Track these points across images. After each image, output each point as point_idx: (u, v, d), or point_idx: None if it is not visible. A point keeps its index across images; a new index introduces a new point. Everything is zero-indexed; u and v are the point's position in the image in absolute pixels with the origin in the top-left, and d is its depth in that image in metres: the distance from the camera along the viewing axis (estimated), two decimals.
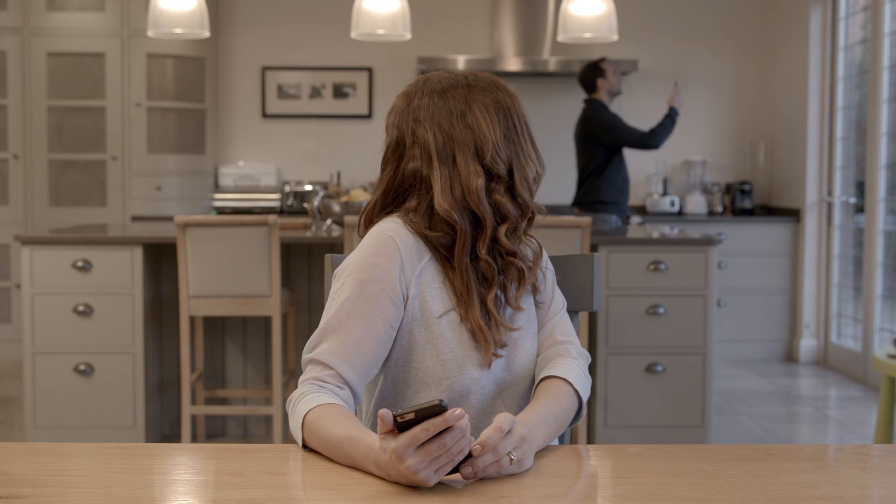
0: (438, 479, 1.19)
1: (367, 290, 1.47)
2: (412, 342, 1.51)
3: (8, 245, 5.88)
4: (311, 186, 6.10)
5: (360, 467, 1.26)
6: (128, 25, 5.80)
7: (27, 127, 5.85)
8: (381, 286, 1.47)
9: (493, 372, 1.53)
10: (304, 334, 4.17)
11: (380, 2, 4.26)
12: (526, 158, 1.54)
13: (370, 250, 1.50)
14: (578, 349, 1.60)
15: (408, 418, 1.16)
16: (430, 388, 1.51)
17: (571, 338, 1.61)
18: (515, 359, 1.55)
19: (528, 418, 1.37)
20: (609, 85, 5.01)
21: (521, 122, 1.55)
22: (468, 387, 1.51)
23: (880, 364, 3.37)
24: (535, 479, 1.24)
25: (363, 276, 1.48)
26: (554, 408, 1.45)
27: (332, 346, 1.46)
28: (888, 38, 5.28)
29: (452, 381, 1.51)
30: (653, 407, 3.89)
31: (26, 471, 1.28)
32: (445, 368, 1.50)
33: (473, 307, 1.50)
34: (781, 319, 6.12)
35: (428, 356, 1.50)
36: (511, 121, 1.53)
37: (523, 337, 1.57)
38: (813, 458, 1.43)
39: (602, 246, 3.88)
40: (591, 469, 1.32)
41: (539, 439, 1.35)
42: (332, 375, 1.45)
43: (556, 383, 1.50)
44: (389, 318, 1.48)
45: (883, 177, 5.30)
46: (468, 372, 1.50)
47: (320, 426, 1.34)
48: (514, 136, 1.53)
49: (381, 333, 1.47)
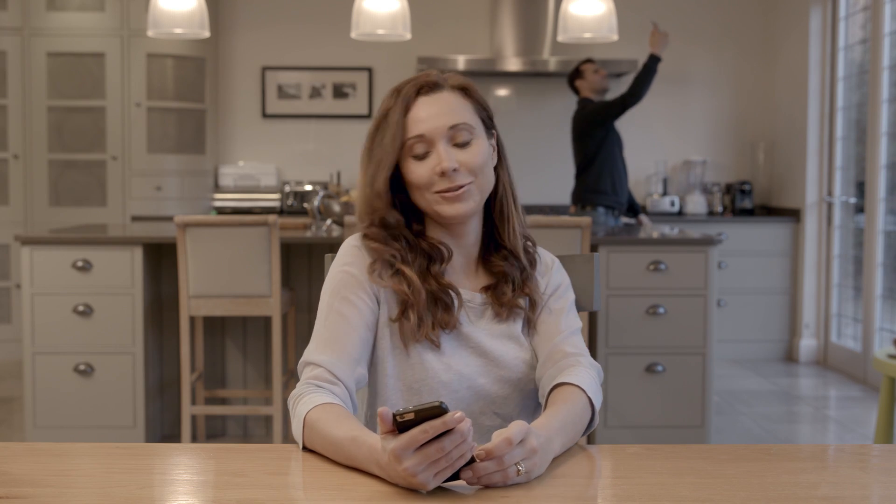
0: (437, 484, 1.17)
1: (340, 295, 1.53)
2: (381, 347, 1.55)
3: (8, 245, 5.88)
4: (311, 186, 6.10)
5: (363, 468, 1.26)
6: (128, 25, 5.80)
7: (27, 127, 5.85)
8: (354, 289, 1.54)
9: (468, 377, 1.53)
10: (304, 334, 4.17)
11: (380, 2, 4.26)
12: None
13: (338, 260, 1.58)
14: (591, 361, 1.57)
15: (407, 418, 1.15)
16: (402, 393, 1.55)
17: (583, 352, 1.59)
18: (498, 367, 1.56)
19: (547, 425, 1.33)
20: (590, 84, 5.04)
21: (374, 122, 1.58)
22: (436, 390, 1.52)
23: (880, 364, 3.37)
24: (535, 479, 1.24)
25: (335, 283, 1.55)
26: (570, 414, 1.42)
27: (317, 345, 1.51)
28: (888, 38, 5.28)
29: (418, 379, 1.54)
30: (653, 407, 3.89)
31: (26, 471, 1.28)
32: (412, 369, 1.54)
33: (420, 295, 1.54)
34: (781, 319, 6.12)
35: (392, 362, 1.55)
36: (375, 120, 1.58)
37: (505, 348, 1.57)
38: (813, 458, 1.43)
39: (602, 246, 3.88)
40: (591, 469, 1.32)
41: (556, 447, 1.32)
42: (324, 372, 1.47)
43: (570, 389, 1.47)
44: (366, 319, 1.53)
45: (883, 177, 5.30)
46: (426, 361, 1.52)
47: (321, 427, 1.35)
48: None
49: (361, 332, 1.52)
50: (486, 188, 1.57)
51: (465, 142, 1.53)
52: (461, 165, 1.51)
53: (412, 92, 1.53)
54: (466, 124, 1.53)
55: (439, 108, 1.53)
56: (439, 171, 1.50)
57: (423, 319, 1.52)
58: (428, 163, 1.52)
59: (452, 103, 1.54)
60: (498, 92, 6.47)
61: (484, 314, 1.59)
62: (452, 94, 1.55)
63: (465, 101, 1.56)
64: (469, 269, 1.62)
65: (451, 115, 1.52)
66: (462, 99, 1.56)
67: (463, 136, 1.52)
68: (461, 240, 1.60)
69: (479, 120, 1.56)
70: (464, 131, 1.52)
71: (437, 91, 1.55)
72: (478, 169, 1.53)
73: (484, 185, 1.56)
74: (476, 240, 1.62)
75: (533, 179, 6.20)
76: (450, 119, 1.52)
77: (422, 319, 1.52)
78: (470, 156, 1.52)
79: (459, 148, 1.53)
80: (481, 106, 1.58)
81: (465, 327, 1.56)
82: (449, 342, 1.55)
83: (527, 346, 1.59)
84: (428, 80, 1.55)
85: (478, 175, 1.53)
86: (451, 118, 1.52)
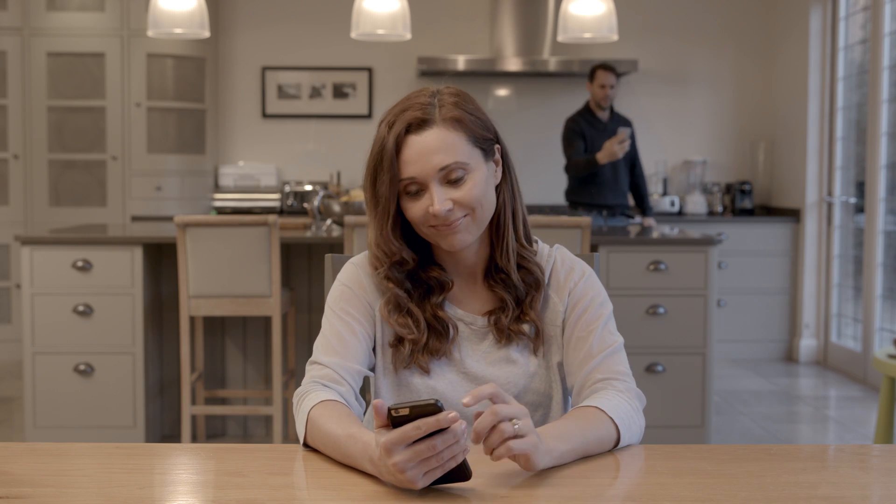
0: (427, 483, 1.17)
1: (344, 307, 1.57)
2: (376, 366, 1.58)
3: (8, 245, 5.88)
4: (311, 186, 6.10)
5: (357, 465, 1.27)
6: (128, 25, 5.80)
7: (27, 127, 5.85)
8: (353, 301, 1.57)
9: (453, 401, 1.52)
10: (304, 334, 4.17)
11: (380, 2, 4.26)
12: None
13: (339, 278, 1.61)
14: (626, 386, 1.50)
15: (402, 413, 1.15)
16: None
17: (617, 375, 1.52)
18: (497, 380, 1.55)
19: (541, 430, 1.32)
20: (593, 94, 5.04)
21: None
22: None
23: (880, 364, 3.37)
24: (534, 479, 1.24)
25: (337, 294, 1.59)
26: (571, 419, 1.40)
27: (323, 348, 1.54)
28: (888, 38, 5.28)
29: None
30: (653, 407, 3.88)
31: (26, 471, 1.28)
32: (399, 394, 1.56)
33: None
34: (781, 319, 6.12)
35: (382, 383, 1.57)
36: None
37: (500, 372, 1.55)
38: (813, 458, 1.43)
39: (602, 246, 3.88)
40: (590, 469, 1.32)
41: (555, 448, 1.29)
42: (330, 373, 1.50)
43: (583, 408, 1.44)
44: (367, 330, 1.56)
45: (883, 177, 5.30)
46: (412, 384, 1.54)
47: (322, 423, 1.36)
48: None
49: (364, 341, 1.55)
50: (486, 216, 1.53)
51: (459, 178, 1.48)
52: (455, 203, 1.48)
53: (402, 130, 1.48)
54: (458, 163, 1.47)
55: (429, 148, 1.47)
56: (432, 214, 1.48)
57: (415, 353, 1.54)
58: (422, 202, 1.49)
59: (443, 141, 1.47)
60: (498, 92, 6.47)
61: (485, 338, 1.57)
62: (443, 129, 1.48)
63: (457, 134, 1.48)
64: (473, 290, 1.60)
65: (441, 154, 1.47)
66: (454, 133, 1.48)
67: (456, 174, 1.48)
68: (462, 262, 1.59)
69: (474, 150, 1.50)
70: (456, 170, 1.48)
71: (426, 128, 1.48)
72: (474, 203, 1.49)
73: (482, 215, 1.52)
74: (477, 260, 1.59)
75: (533, 180, 6.20)
76: (441, 160, 1.47)
77: (414, 353, 1.54)
78: (464, 193, 1.48)
79: (453, 185, 1.48)
80: (477, 133, 1.51)
81: (457, 353, 1.56)
82: (439, 366, 1.55)
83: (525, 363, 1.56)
84: (416, 117, 1.48)
85: (475, 208, 1.49)
86: (442, 159, 1.47)
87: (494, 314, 1.57)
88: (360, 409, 1.50)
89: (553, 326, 1.58)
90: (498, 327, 1.56)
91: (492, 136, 1.55)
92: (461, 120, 1.50)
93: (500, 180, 1.57)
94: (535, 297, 1.57)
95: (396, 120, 1.50)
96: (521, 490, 1.21)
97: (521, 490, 1.21)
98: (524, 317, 1.56)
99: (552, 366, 1.58)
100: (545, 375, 1.57)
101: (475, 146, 1.51)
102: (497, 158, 1.56)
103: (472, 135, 1.51)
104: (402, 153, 1.48)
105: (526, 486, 1.22)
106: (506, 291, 1.57)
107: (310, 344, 4.04)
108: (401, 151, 1.48)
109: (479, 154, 1.51)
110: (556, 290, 1.59)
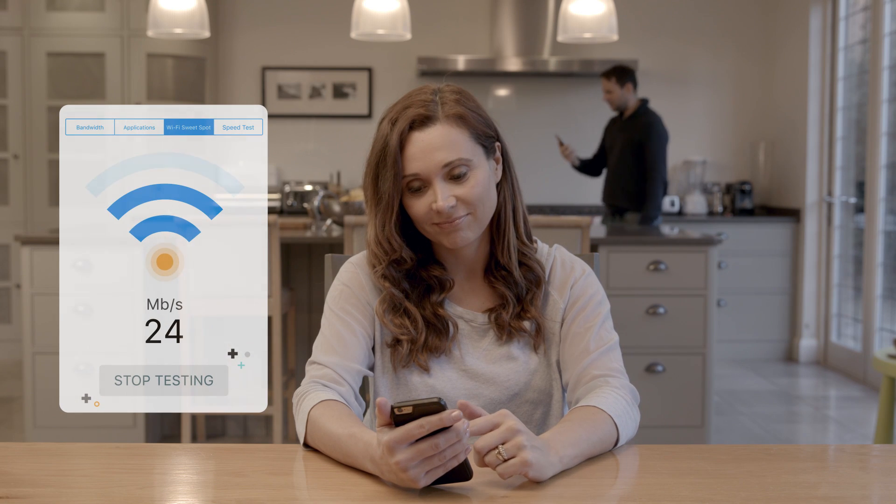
0: (428, 482, 1.17)
1: (343, 307, 1.57)
2: (375, 366, 1.57)
3: (8, 245, 5.88)
4: (311, 186, 6.10)
5: (358, 464, 1.27)
6: (128, 25, 5.80)
7: (27, 127, 5.85)
8: (353, 301, 1.57)
9: (452, 399, 1.52)
10: (304, 334, 4.17)
11: (380, 2, 4.26)
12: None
13: (338, 277, 1.61)
14: (622, 382, 1.52)
15: (405, 412, 1.15)
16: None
17: (613, 372, 1.53)
18: (488, 387, 1.55)
19: (548, 436, 1.32)
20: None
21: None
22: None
23: (880, 364, 3.37)
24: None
25: (336, 294, 1.59)
26: (574, 421, 1.39)
27: (323, 347, 1.54)
28: (888, 38, 5.28)
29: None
30: (653, 407, 3.89)
31: (26, 471, 1.28)
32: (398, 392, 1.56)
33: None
34: (781, 319, 6.12)
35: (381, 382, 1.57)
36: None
37: (500, 369, 1.55)
38: (813, 458, 1.43)
39: (602, 246, 3.88)
40: (590, 469, 1.32)
41: (565, 455, 1.29)
42: (330, 372, 1.50)
43: (586, 408, 1.44)
44: (367, 330, 1.56)
45: (883, 177, 5.30)
46: (411, 382, 1.54)
47: (322, 422, 1.36)
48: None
49: (363, 341, 1.55)
50: (487, 214, 1.54)
51: (462, 174, 1.49)
52: (458, 200, 1.49)
53: (405, 127, 1.48)
54: (461, 160, 1.48)
55: (433, 144, 1.48)
56: (435, 210, 1.48)
57: (413, 352, 1.53)
58: (425, 199, 1.49)
59: (446, 137, 1.48)
60: (498, 92, 6.47)
61: (486, 335, 1.57)
62: (446, 126, 1.49)
63: (460, 130, 1.49)
64: (473, 287, 1.60)
65: (445, 151, 1.48)
66: (457, 129, 1.49)
67: (459, 171, 1.48)
68: (463, 259, 1.59)
69: (476, 147, 1.51)
70: (459, 166, 1.48)
71: (430, 125, 1.48)
72: (476, 200, 1.49)
73: (484, 212, 1.52)
74: (477, 257, 1.60)
75: (533, 180, 6.20)
76: (444, 156, 1.47)
77: (412, 352, 1.53)
78: (467, 189, 1.49)
79: (456, 181, 1.49)
80: (479, 129, 1.52)
81: (457, 351, 1.56)
82: (439, 364, 1.55)
83: (526, 360, 1.56)
84: (420, 113, 1.49)
85: (476, 206, 1.50)
86: (446, 155, 1.48)
87: (495, 311, 1.57)
88: (359, 408, 1.50)
89: (553, 323, 1.58)
90: (499, 324, 1.56)
91: (493, 133, 1.55)
92: (464, 117, 1.50)
93: (500, 178, 1.57)
94: (535, 293, 1.57)
95: (399, 117, 1.50)
96: (522, 490, 1.21)
97: (521, 490, 1.21)
98: (525, 314, 1.56)
99: (552, 363, 1.58)
100: (546, 373, 1.57)
101: (477, 143, 1.52)
102: (498, 156, 1.57)
103: (474, 132, 1.51)
104: (405, 150, 1.49)
105: (526, 487, 1.22)
106: (507, 288, 1.57)
107: (310, 344, 4.03)
108: (404, 148, 1.49)
109: (480, 151, 1.52)
110: (557, 288, 1.60)
